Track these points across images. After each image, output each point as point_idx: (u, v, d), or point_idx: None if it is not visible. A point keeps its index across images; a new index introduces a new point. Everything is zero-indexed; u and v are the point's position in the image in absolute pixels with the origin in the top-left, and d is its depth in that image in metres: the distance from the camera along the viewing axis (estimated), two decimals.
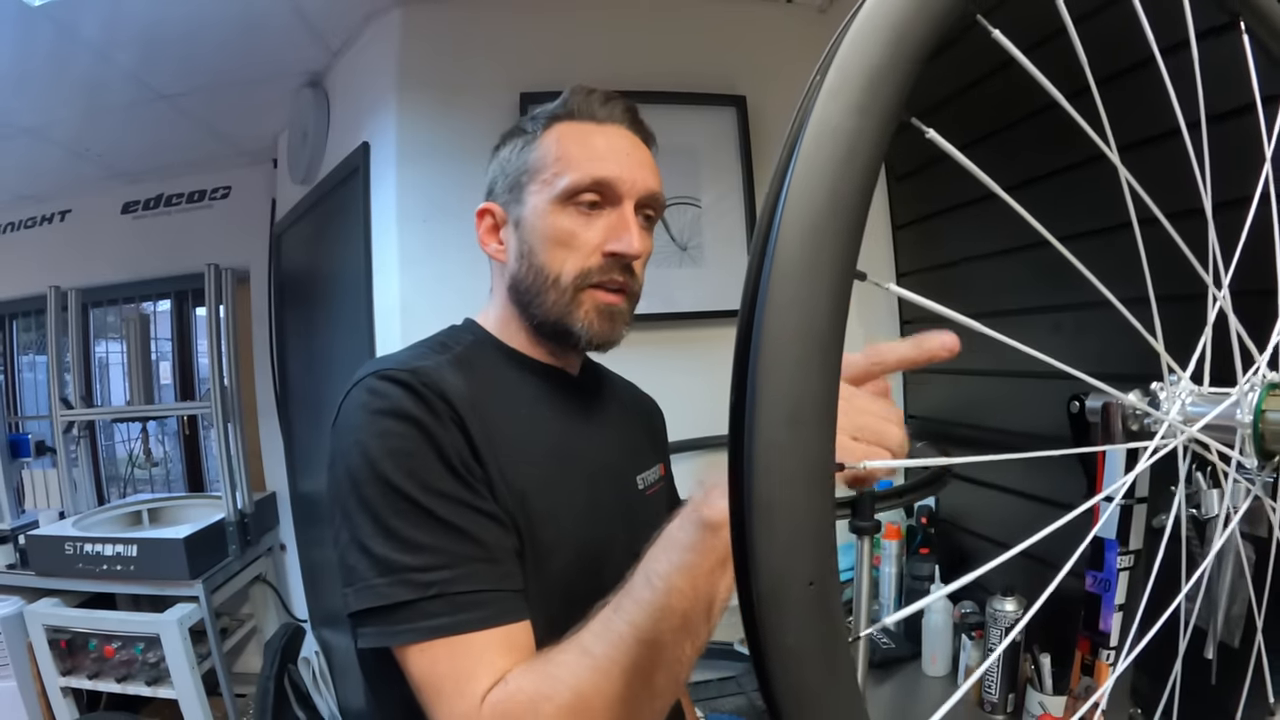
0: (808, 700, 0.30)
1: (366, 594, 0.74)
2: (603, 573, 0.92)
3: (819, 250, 0.29)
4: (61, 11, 2.02)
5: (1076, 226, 1.21)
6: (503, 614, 0.75)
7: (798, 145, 0.30)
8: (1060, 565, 1.35)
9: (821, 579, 0.29)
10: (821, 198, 0.29)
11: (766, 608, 0.30)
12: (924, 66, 0.32)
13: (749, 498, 0.29)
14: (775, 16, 2.26)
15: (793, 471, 0.29)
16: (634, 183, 0.91)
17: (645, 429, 1.16)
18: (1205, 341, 0.53)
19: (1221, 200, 0.56)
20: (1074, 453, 0.66)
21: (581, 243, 0.90)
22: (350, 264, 2.27)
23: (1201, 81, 0.56)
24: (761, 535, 0.29)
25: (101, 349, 3.75)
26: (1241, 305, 0.56)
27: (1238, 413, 0.49)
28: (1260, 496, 0.54)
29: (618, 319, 0.94)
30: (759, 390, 0.29)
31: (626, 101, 0.96)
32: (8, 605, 2.71)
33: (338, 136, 2.54)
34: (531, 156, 0.93)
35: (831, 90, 0.31)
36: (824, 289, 0.29)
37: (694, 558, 0.62)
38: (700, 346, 2.16)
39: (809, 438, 0.29)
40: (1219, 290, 0.54)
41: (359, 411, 0.80)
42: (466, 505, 0.77)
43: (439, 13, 2.09)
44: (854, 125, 0.30)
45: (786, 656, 0.30)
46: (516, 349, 0.98)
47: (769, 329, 0.29)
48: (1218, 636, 0.85)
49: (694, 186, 2.18)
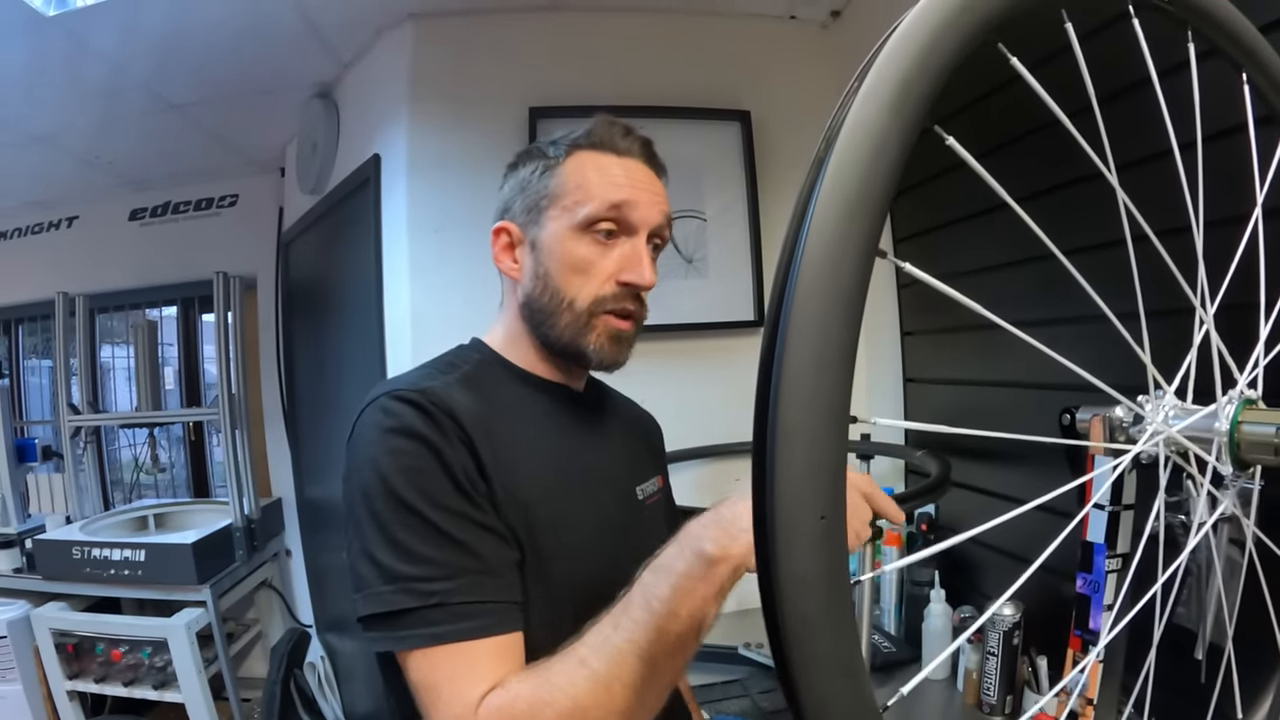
0: (811, 624, 0.34)
1: (372, 600, 0.79)
2: (608, 579, 0.97)
3: (850, 219, 0.34)
4: (75, 22, 2.05)
5: (1072, 242, 1.24)
6: (500, 624, 0.79)
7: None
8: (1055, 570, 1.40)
9: (832, 515, 0.33)
10: (854, 186, 0.35)
11: (782, 536, 0.33)
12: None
13: (773, 426, 0.34)
14: (779, 33, 2.30)
15: (814, 406, 0.33)
16: (649, 216, 0.96)
17: (644, 442, 1.21)
18: (1190, 361, 0.57)
19: (1218, 219, 0.60)
20: (1061, 443, 0.71)
21: (597, 271, 0.95)
22: (361, 273, 2.30)
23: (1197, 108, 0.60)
24: (782, 463, 0.33)
25: (107, 354, 3.77)
26: (1228, 319, 0.60)
27: (1216, 424, 0.53)
28: (1233, 506, 0.58)
29: (626, 343, 0.99)
30: (788, 336, 0.34)
31: (645, 136, 1.00)
32: (14, 609, 2.72)
33: (348, 147, 2.57)
34: (553, 182, 0.96)
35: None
36: (850, 258, 0.34)
37: (691, 585, 0.69)
38: (704, 357, 2.20)
39: (830, 379, 0.34)
40: (1205, 314, 0.57)
41: (372, 430, 0.84)
42: (469, 520, 0.81)
43: (450, 26, 2.13)
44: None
45: (796, 584, 0.33)
46: (523, 367, 1.02)
47: (803, 280, 0.33)
48: (1207, 638, 0.89)
49: (698, 199, 2.22)
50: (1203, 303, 0.58)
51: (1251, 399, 0.55)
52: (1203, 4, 0.58)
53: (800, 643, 0.34)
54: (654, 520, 1.13)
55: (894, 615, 1.90)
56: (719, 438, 2.14)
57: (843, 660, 0.34)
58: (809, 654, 0.34)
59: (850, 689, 0.35)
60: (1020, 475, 1.67)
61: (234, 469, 2.98)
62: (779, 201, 2.26)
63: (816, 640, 0.34)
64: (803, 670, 0.34)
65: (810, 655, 0.34)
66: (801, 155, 2.22)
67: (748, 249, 2.26)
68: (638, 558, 1.03)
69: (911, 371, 2.18)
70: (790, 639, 0.34)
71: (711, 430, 2.12)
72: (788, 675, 0.35)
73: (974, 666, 1.55)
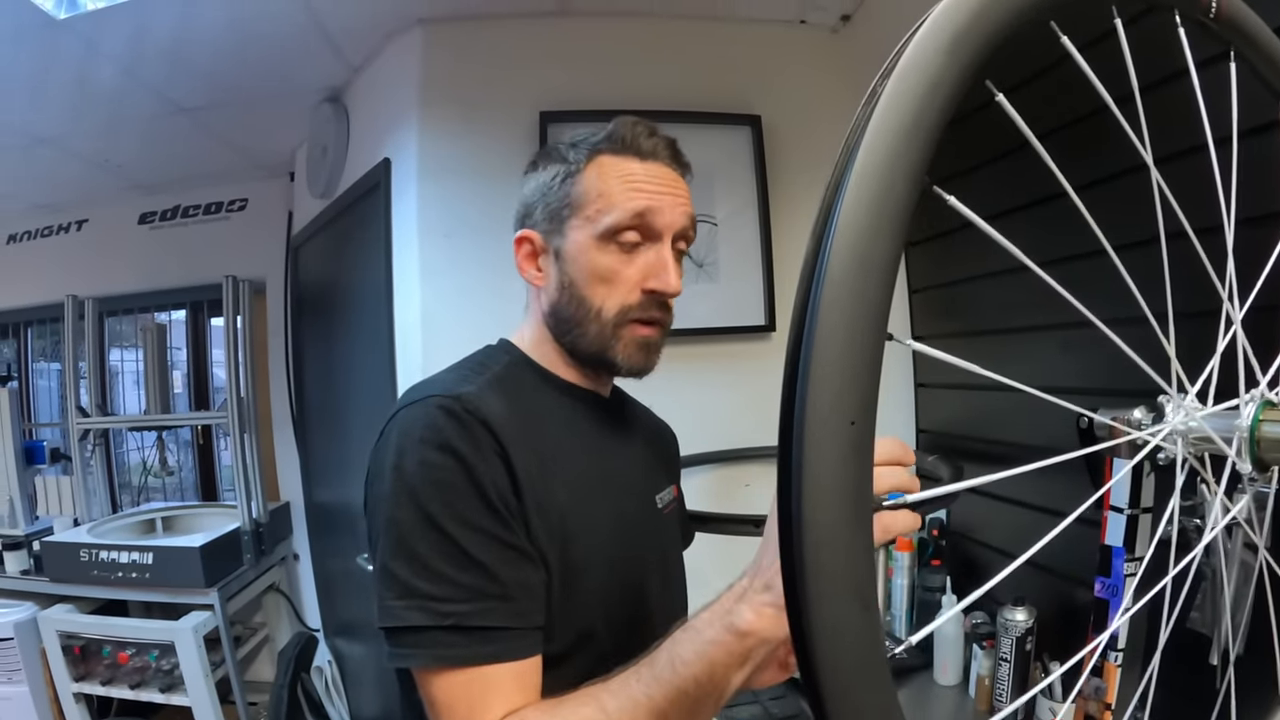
0: (829, 538, 0.33)
1: (384, 614, 0.78)
2: (635, 587, 0.97)
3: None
4: (86, 25, 2.06)
5: (1086, 245, 1.24)
6: (516, 650, 0.79)
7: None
8: (1070, 575, 1.39)
9: (861, 421, 0.33)
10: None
11: (811, 438, 0.33)
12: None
13: (810, 332, 0.33)
14: (789, 37, 2.30)
15: (852, 315, 0.33)
16: (673, 220, 0.94)
17: (661, 451, 1.20)
18: (1214, 365, 0.57)
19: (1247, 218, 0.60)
20: (1076, 455, 0.70)
21: (623, 280, 0.93)
22: (371, 277, 2.30)
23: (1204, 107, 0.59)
24: (816, 365, 0.33)
25: (116, 357, 3.78)
26: (1251, 320, 0.60)
27: (1237, 420, 0.53)
28: (1248, 509, 0.57)
29: (653, 351, 0.98)
30: (830, 252, 0.34)
31: (669, 136, 0.98)
32: (21, 611, 2.73)
33: (357, 151, 2.58)
34: (574, 190, 0.94)
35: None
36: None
37: (716, 654, 0.68)
38: (716, 362, 2.20)
39: (870, 298, 0.34)
40: (1235, 313, 0.57)
41: (403, 438, 0.82)
42: (496, 540, 0.80)
43: (460, 31, 2.13)
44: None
45: (822, 492, 0.33)
46: (551, 371, 1.00)
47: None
48: (1222, 643, 0.88)
49: (709, 204, 2.22)
50: (1231, 301, 0.58)
51: (1273, 401, 0.55)
52: (1247, 27, 0.57)
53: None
54: (671, 529, 1.13)
55: (904, 621, 1.89)
56: (730, 443, 2.14)
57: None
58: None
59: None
60: (1033, 480, 1.66)
61: (242, 473, 2.98)
62: (790, 206, 2.26)
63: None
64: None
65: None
66: (812, 159, 2.23)
67: (758, 253, 2.25)
68: (659, 567, 1.03)
69: (923, 376, 2.17)
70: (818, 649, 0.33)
71: (722, 435, 2.12)
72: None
73: (986, 672, 1.55)
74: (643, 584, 0.99)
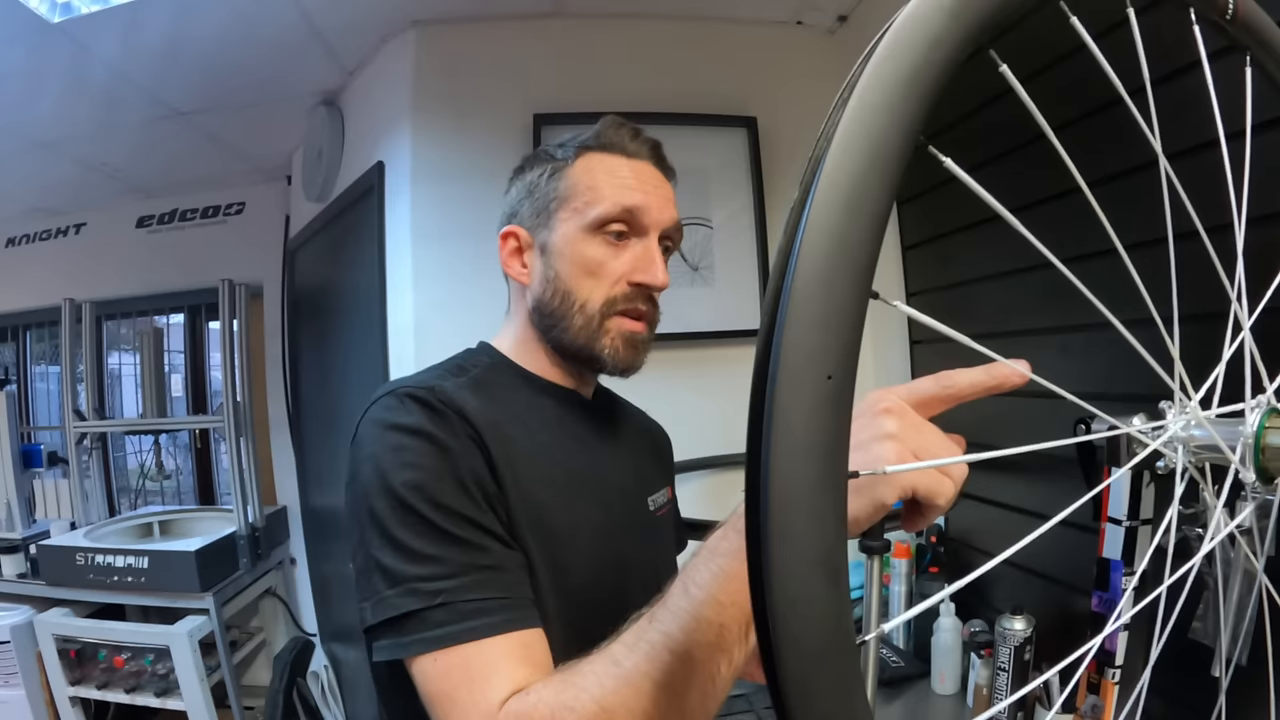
0: (796, 499, 0.30)
1: (380, 606, 0.74)
2: (622, 590, 0.94)
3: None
4: (80, 28, 2.05)
5: (1086, 247, 1.23)
6: (513, 621, 0.74)
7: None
8: (1069, 584, 1.36)
9: (840, 376, 0.30)
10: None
11: (785, 393, 0.30)
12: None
13: (790, 278, 0.31)
14: (785, 39, 2.29)
15: (836, 262, 0.31)
16: (660, 217, 0.95)
17: (653, 453, 1.18)
18: (1219, 373, 0.55)
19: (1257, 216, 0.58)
20: (1070, 442, 0.68)
21: (609, 272, 0.93)
22: (365, 281, 2.29)
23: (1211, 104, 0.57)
24: (794, 310, 0.30)
25: (114, 361, 3.78)
26: (1258, 323, 0.58)
27: (1242, 427, 0.51)
28: (1250, 519, 0.55)
29: (640, 346, 0.97)
30: (816, 194, 0.32)
31: (653, 138, 0.99)
32: (17, 614, 2.72)
33: (352, 155, 2.57)
34: (562, 185, 0.95)
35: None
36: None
37: (737, 565, 0.58)
38: (711, 366, 2.18)
39: (854, 243, 0.31)
40: (1243, 318, 0.55)
41: (374, 427, 0.82)
42: (473, 524, 0.77)
43: (453, 34, 2.13)
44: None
45: (791, 449, 0.30)
46: (533, 372, 0.99)
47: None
48: (1224, 655, 0.86)
49: (705, 207, 2.20)
50: (1239, 304, 0.56)
51: (1278, 409, 0.53)
52: (1265, 33, 0.56)
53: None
54: (665, 532, 1.11)
55: (902, 630, 1.87)
56: (725, 448, 2.12)
57: None
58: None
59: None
60: (1031, 486, 1.65)
61: (238, 477, 2.98)
62: (786, 209, 2.23)
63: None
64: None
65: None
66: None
67: (754, 257, 2.24)
68: (651, 570, 1.01)
69: (920, 373, 2.16)
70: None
71: (717, 440, 2.10)
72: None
73: (984, 681, 1.53)
74: (630, 586, 0.96)
